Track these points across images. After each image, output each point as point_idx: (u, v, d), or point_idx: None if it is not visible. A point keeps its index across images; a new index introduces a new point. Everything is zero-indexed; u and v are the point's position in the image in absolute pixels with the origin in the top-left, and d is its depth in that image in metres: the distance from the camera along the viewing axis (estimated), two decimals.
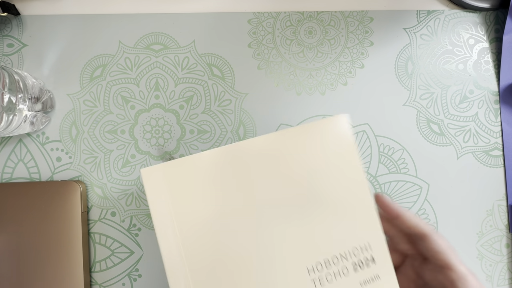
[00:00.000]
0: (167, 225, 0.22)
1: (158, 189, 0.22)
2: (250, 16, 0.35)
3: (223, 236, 0.22)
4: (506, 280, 0.34)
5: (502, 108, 0.34)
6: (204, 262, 0.22)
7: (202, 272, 0.21)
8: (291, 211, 0.23)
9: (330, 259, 0.23)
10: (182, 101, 0.34)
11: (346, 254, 0.23)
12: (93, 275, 0.33)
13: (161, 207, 0.22)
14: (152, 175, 0.22)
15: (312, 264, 0.23)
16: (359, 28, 0.35)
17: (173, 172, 0.22)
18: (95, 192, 0.34)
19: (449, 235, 0.34)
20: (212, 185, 0.22)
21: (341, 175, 0.23)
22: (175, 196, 0.22)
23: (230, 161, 0.23)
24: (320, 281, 0.23)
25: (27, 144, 0.34)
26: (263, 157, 0.23)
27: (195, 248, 0.22)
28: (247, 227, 0.22)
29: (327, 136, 0.24)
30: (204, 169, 0.22)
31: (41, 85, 0.32)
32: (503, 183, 0.34)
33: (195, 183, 0.22)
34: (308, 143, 0.23)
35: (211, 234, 0.22)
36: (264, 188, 0.23)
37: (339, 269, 0.23)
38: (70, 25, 0.34)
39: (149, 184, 0.22)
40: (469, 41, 0.35)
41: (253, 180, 0.23)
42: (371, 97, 0.35)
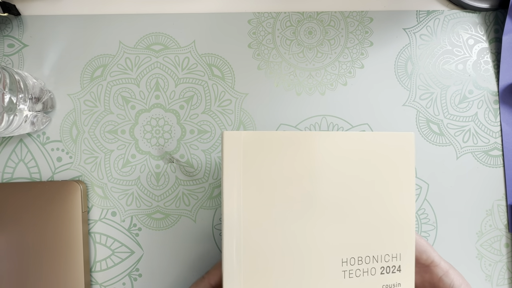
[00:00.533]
0: (233, 188, 0.24)
1: (234, 152, 0.24)
2: (250, 16, 0.35)
3: (276, 211, 0.24)
4: (505, 280, 0.34)
5: (501, 108, 0.35)
6: (256, 229, 0.24)
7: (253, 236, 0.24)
8: (342, 207, 0.25)
9: (364, 258, 0.25)
10: (182, 101, 0.34)
11: (378, 257, 0.25)
12: (93, 275, 0.33)
13: (232, 170, 0.24)
14: (232, 138, 0.24)
15: (347, 257, 0.25)
16: (358, 28, 0.35)
17: (251, 142, 0.24)
18: (95, 192, 0.34)
19: (448, 235, 0.34)
20: (279, 165, 0.24)
21: (393, 188, 0.26)
22: (246, 164, 0.24)
23: (301, 148, 0.25)
24: (349, 273, 0.25)
25: (28, 144, 0.34)
26: (332, 153, 0.25)
27: (252, 215, 0.24)
28: (299, 210, 0.25)
29: (391, 148, 0.26)
30: (277, 147, 0.24)
31: (41, 85, 0.32)
32: (503, 183, 0.34)
33: (266, 158, 0.24)
34: (373, 150, 0.25)
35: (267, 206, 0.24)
36: (324, 180, 0.25)
37: (369, 269, 0.25)
38: (70, 25, 0.34)
39: (227, 146, 0.23)
40: (469, 41, 0.35)
41: (316, 171, 0.25)
42: (371, 97, 0.35)
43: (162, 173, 0.34)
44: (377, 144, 0.25)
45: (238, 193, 0.24)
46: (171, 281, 0.34)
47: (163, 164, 0.34)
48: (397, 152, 0.25)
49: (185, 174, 0.34)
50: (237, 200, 0.24)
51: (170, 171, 0.34)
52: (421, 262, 0.28)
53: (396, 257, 0.26)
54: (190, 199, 0.34)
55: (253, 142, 0.24)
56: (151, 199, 0.34)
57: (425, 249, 0.27)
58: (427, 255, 0.27)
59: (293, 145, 0.24)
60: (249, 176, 0.24)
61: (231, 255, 0.24)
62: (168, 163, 0.34)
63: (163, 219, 0.34)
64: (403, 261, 0.26)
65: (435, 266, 0.27)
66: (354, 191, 0.25)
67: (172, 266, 0.34)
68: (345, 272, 0.25)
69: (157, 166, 0.34)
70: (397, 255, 0.26)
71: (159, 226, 0.34)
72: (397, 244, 0.26)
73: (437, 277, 0.27)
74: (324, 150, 0.25)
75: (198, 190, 0.34)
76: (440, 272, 0.27)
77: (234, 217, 0.24)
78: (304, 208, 0.25)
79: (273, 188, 0.24)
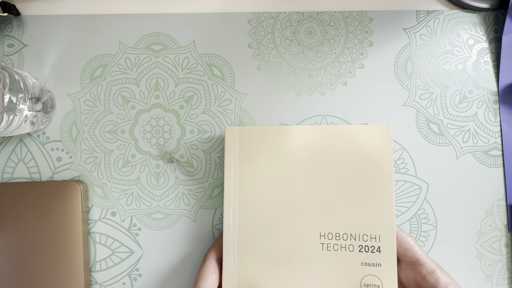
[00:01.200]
0: (231, 174, 0.30)
1: (233, 146, 0.30)
2: (250, 16, 0.35)
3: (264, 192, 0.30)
4: (505, 280, 0.34)
5: (501, 108, 0.35)
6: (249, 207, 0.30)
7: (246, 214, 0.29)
8: (324, 187, 0.29)
9: (341, 235, 0.28)
10: (182, 101, 0.34)
11: (355, 236, 0.28)
12: (93, 275, 0.33)
13: (231, 161, 0.30)
14: (232, 132, 0.30)
15: (325, 231, 0.29)
16: (358, 28, 0.35)
17: (245, 135, 0.30)
18: (95, 192, 0.34)
19: (448, 235, 0.34)
20: (268, 154, 0.30)
21: (374, 173, 0.29)
22: (242, 156, 0.30)
23: (288, 140, 0.30)
24: (327, 246, 0.28)
25: (28, 144, 0.34)
26: (318, 143, 0.29)
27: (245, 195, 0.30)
28: (284, 189, 0.29)
29: (371, 138, 0.29)
30: (265, 140, 0.30)
31: (41, 85, 0.32)
32: (503, 183, 0.34)
33: (257, 148, 0.30)
34: (353, 139, 0.29)
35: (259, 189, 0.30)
36: (306, 165, 0.29)
37: (346, 245, 0.28)
38: (70, 25, 0.34)
39: (228, 139, 0.30)
40: (469, 41, 0.35)
41: (301, 158, 0.29)
42: (371, 97, 0.35)
43: (162, 173, 0.34)
44: (358, 135, 0.29)
45: (234, 177, 0.30)
46: (171, 281, 0.34)
47: (163, 164, 0.34)
48: (377, 141, 0.29)
49: (185, 174, 0.34)
50: (234, 184, 0.30)
51: (170, 171, 0.34)
52: (406, 260, 0.28)
53: (375, 238, 0.28)
54: (190, 199, 0.34)
55: (246, 135, 0.30)
56: (151, 199, 0.34)
57: (410, 247, 0.27)
58: (412, 253, 0.27)
59: (277, 137, 0.30)
60: (243, 163, 0.30)
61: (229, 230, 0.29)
62: (168, 163, 0.34)
63: (163, 219, 0.34)
64: (382, 243, 0.28)
65: (419, 264, 0.27)
66: (335, 176, 0.29)
67: (172, 266, 0.34)
68: (323, 244, 0.28)
69: (157, 166, 0.34)
70: (375, 236, 0.28)
71: (159, 226, 0.34)
72: (376, 225, 0.28)
73: (421, 275, 0.27)
74: (303, 141, 0.29)
75: (198, 190, 0.34)
76: (425, 271, 0.27)
77: (232, 198, 0.30)
78: (288, 188, 0.29)
79: (262, 174, 0.29)
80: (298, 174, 0.29)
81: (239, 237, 0.29)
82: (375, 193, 0.28)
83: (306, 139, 0.29)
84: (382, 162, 0.28)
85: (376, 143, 0.29)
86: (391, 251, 0.28)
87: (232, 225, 0.29)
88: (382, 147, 0.29)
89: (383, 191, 0.28)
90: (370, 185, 0.28)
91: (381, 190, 0.28)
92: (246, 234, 0.29)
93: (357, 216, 0.28)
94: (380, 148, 0.29)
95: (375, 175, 0.28)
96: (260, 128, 0.30)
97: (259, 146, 0.30)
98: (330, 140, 0.29)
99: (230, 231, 0.29)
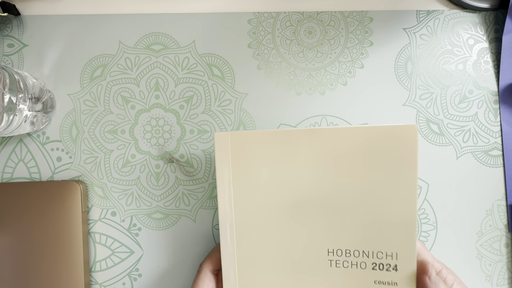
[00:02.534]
0: (225, 185, 0.26)
1: (224, 152, 0.26)
2: (250, 16, 0.35)
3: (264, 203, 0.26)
4: (505, 280, 0.34)
5: (501, 108, 0.35)
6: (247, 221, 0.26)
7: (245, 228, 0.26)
8: (333, 198, 0.25)
9: (352, 251, 0.25)
10: (182, 101, 0.34)
11: (369, 253, 0.25)
12: (93, 275, 0.33)
13: (223, 170, 0.26)
14: (221, 139, 0.26)
15: (334, 248, 0.25)
16: (358, 28, 0.35)
17: (238, 141, 0.26)
18: (95, 192, 0.34)
19: (448, 235, 0.34)
20: (267, 161, 0.26)
21: (395, 183, 0.24)
22: (235, 162, 0.26)
23: (288, 144, 0.25)
24: (336, 263, 0.25)
25: (28, 144, 0.34)
26: (323, 148, 0.25)
27: (243, 208, 0.26)
28: (287, 202, 0.26)
29: (393, 142, 0.24)
30: (263, 145, 0.25)
31: (41, 85, 0.32)
32: (503, 183, 0.34)
33: (253, 155, 0.26)
34: (372, 144, 0.24)
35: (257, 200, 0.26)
36: (310, 175, 0.25)
37: (358, 262, 0.25)
38: (70, 25, 0.34)
39: (218, 147, 0.26)
40: (469, 41, 0.35)
41: (306, 166, 0.25)
42: (371, 97, 0.35)
43: (162, 173, 0.34)
44: (373, 139, 0.24)
45: (229, 188, 0.26)
46: (171, 281, 0.34)
47: (163, 164, 0.34)
48: (398, 147, 0.24)
49: (185, 174, 0.34)
50: (228, 196, 0.26)
51: (170, 171, 0.34)
52: None
53: (391, 256, 0.25)
54: (190, 199, 0.34)
55: (239, 141, 0.26)
56: (151, 199, 0.34)
57: (419, 251, 0.27)
58: (421, 257, 0.27)
59: (276, 143, 0.25)
60: (237, 172, 0.26)
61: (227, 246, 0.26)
62: (168, 163, 0.34)
63: (163, 219, 0.34)
64: (400, 261, 0.24)
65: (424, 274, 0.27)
66: (344, 187, 0.25)
67: (172, 266, 0.34)
68: (331, 261, 0.25)
69: (157, 166, 0.34)
70: (392, 254, 0.25)
71: (159, 226, 0.34)
72: (393, 242, 0.24)
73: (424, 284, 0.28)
74: (308, 145, 0.25)
75: (198, 190, 0.34)
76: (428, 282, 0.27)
77: (227, 212, 0.26)
78: (292, 200, 0.25)
79: (260, 183, 0.26)
80: (303, 183, 0.25)
81: (239, 253, 0.26)
82: (395, 205, 0.24)
83: (312, 143, 0.25)
84: (404, 168, 0.24)
85: (398, 146, 0.24)
86: (411, 270, 0.24)
87: (230, 242, 0.26)
88: (405, 151, 0.24)
89: (405, 202, 0.24)
90: (389, 196, 0.24)
91: (402, 201, 0.24)
92: (245, 250, 0.26)
93: (371, 231, 0.25)
94: (403, 153, 0.24)
95: (395, 184, 0.24)
96: (256, 132, 0.25)
97: (256, 153, 0.25)
98: (341, 144, 0.25)
99: (228, 248, 0.26)
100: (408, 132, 0.23)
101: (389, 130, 0.24)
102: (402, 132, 0.24)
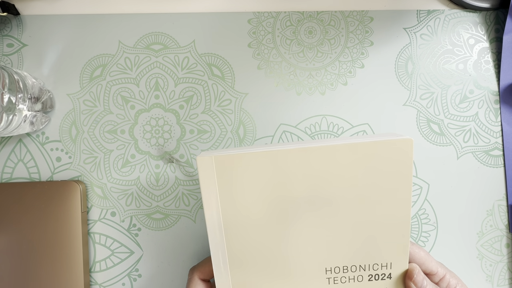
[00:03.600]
0: (213, 211, 0.24)
1: (209, 177, 0.24)
2: (250, 16, 0.35)
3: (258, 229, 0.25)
4: (506, 280, 0.34)
5: (502, 108, 0.34)
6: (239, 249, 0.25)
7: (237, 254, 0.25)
8: (328, 215, 0.24)
9: (349, 267, 0.25)
10: (182, 101, 0.34)
11: (366, 266, 0.25)
12: (93, 275, 0.33)
13: (209, 195, 0.24)
14: (204, 163, 0.24)
15: (331, 266, 0.25)
16: (359, 28, 0.35)
17: (223, 165, 0.24)
18: (95, 192, 0.33)
19: (449, 235, 0.34)
20: (256, 184, 0.24)
21: (389, 197, 0.24)
22: (222, 187, 0.24)
23: (274, 165, 0.24)
24: (334, 280, 0.25)
25: (27, 144, 0.34)
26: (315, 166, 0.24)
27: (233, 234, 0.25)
28: (279, 223, 0.25)
29: (388, 156, 0.23)
30: (251, 168, 0.24)
31: (41, 85, 0.32)
32: (503, 183, 0.34)
33: (242, 179, 0.24)
34: (366, 160, 0.23)
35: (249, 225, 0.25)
36: (300, 191, 0.24)
37: (355, 276, 0.25)
38: (70, 25, 0.34)
39: (201, 170, 0.24)
40: (469, 41, 0.35)
41: (295, 184, 0.24)
42: (371, 97, 0.35)
43: (162, 173, 0.34)
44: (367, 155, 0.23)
45: (218, 216, 0.24)
46: (171, 281, 0.34)
47: (162, 164, 0.34)
48: (393, 161, 0.23)
49: (184, 174, 0.34)
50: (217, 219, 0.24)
51: (170, 171, 0.34)
52: None
53: (386, 266, 0.25)
54: (190, 199, 0.34)
55: (224, 166, 0.24)
56: (150, 199, 0.34)
57: (424, 261, 0.27)
58: (425, 266, 0.27)
59: (263, 163, 0.24)
60: (225, 196, 0.24)
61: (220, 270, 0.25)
62: (167, 163, 0.34)
63: (163, 219, 0.34)
64: (394, 269, 0.25)
65: (432, 275, 0.27)
66: (339, 203, 0.24)
67: (172, 266, 0.34)
68: (329, 279, 0.25)
69: (156, 166, 0.34)
70: (387, 264, 0.25)
71: (159, 226, 0.34)
72: (387, 253, 0.25)
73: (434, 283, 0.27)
74: (295, 165, 0.24)
75: (198, 190, 0.34)
76: (437, 279, 0.27)
77: (217, 234, 0.25)
78: (282, 218, 0.24)
79: (248, 204, 0.24)
80: (296, 201, 0.24)
81: (233, 277, 0.25)
82: (388, 219, 0.24)
83: (304, 161, 0.24)
84: (399, 181, 0.24)
85: (393, 160, 0.23)
86: (401, 276, 0.25)
87: (224, 270, 0.25)
88: (400, 165, 0.23)
89: (399, 216, 0.24)
90: (383, 210, 0.24)
91: (396, 215, 0.24)
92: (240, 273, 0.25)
93: (367, 245, 0.25)
94: (398, 167, 0.23)
95: (390, 198, 0.24)
96: (241, 155, 0.24)
97: (244, 177, 0.24)
98: (334, 161, 0.24)
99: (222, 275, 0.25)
100: (403, 146, 0.23)
101: (383, 145, 0.23)
102: (398, 146, 0.23)
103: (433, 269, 0.27)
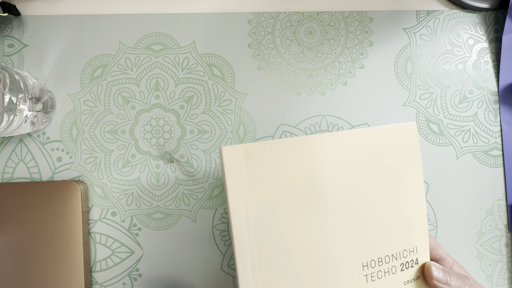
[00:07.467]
0: (240, 206, 0.22)
1: (236, 168, 0.22)
2: (250, 16, 0.35)
3: (290, 223, 0.23)
4: (505, 280, 0.34)
5: (501, 108, 0.35)
6: (270, 246, 0.23)
7: (268, 255, 0.23)
8: (354, 209, 0.24)
9: (384, 258, 0.25)
10: (182, 101, 0.34)
11: (397, 254, 0.25)
12: (93, 275, 0.33)
13: (237, 189, 0.22)
14: (231, 153, 0.22)
15: (367, 260, 0.24)
16: (358, 28, 0.35)
17: (252, 154, 0.22)
18: (95, 192, 0.34)
19: (448, 235, 0.34)
20: (284, 173, 0.23)
21: (402, 182, 0.25)
22: (251, 180, 0.22)
23: (305, 152, 0.23)
24: (371, 277, 0.24)
25: (28, 144, 0.34)
26: (337, 154, 0.24)
27: (264, 230, 0.22)
28: (312, 218, 0.23)
29: (395, 142, 0.24)
30: (281, 155, 0.23)
31: (41, 85, 0.32)
32: (503, 183, 0.34)
33: (273, 170, 0.22)
34: (378, 147, 0.24)
35: (280, 218, 0.23)
36: (334, 184, 0.23)
37: (389, 268, 0.25)
38: (70, 25, 0.34)
39: (227, 161, 0.22)
40: (469, 41, 0.35)
41: (325, 174, 0.23)
42: (371, 97, 0.35)
43: (162, 173, 0.34)
44: (379, 140, 0.24)
45: (245, 207, 0.22)
46: (171, 281, 0.34)
47: (163, 164, 0.34)
48: (401, 145, 0.24)
49: (185, 174, 0.34)
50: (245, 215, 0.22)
51: (170, 171, 0.34)
52: (431, 258, 0.28)
53: (413, 250, 0.25)
54: (190, 199, 0.34)
55: (254, 153, 0.22)
56: (151, 199, 0.34)
57: (435, 246, 0.28)
58: (436, 251, 0.28)
59: (295, 151, 0.23)
60: (255, 189, 0.22)
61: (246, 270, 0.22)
62: (168, 163, 0.34)
63: (163, 219, 0.34)
64: (419, 254, 0.25)
65: (443, 261, 0.28)
66: (362, 191, 0.24)
67: (172, 266, 0.34)
68: (367, 276, 0.24)
69: (157, 166, 0.34)
70: (413, 249, 0.25)
71: (159, 226, 0.34)
72: (412, 237, 0.25)
73: None
74: (326, 152, 0.23)
75: (198, 190, 0.34)
76: (448, 266, 0.28)
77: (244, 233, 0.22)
78: (315, 213, 0.23)
79: (281, 197, 0.23)
80: (329, 197, 0.23)
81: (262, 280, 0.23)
82: (406, 200, 0.25)
83: (329, 150, 0.23)
84: (410, 163, 0.25)
85: (400, 145, 0.24)
86: (426, 258, 0.26)
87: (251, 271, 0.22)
88: (408, 148, 0.25)
89: (414, 196, 0.25)
90: (401, 193, 0.25)
91: (411, 195, 0.25)
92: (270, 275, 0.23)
93: (394, 231, 0.25)
94: (405, 150, 0.25)
95: (404, 181, 0.25)
96: (273, 142, 0.22)
97: (276, 168, 0.22)
98: (354, 149, 0.24)
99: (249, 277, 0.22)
100: (407, 130, 0.25)
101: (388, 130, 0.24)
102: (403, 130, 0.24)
103: (443, 255, 0.28)
